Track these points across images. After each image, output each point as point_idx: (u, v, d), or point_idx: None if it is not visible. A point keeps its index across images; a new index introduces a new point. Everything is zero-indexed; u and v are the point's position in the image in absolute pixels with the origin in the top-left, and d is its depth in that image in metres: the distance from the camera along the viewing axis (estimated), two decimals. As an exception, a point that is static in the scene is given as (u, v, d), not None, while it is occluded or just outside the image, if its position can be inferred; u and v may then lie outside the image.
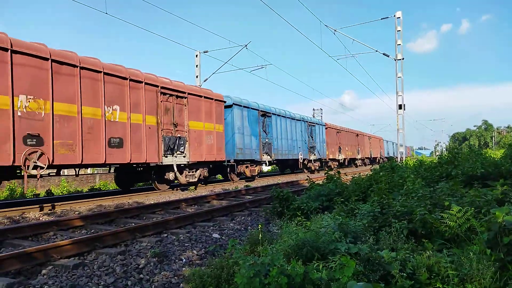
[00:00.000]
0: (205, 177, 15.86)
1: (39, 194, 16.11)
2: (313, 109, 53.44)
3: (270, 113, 21.65)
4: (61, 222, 7.23)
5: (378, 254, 3.27)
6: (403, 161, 20.23)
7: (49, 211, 9.44)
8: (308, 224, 4.83)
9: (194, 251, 5.59)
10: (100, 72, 10.82)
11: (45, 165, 9.20)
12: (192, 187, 14.91)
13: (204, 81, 24.39)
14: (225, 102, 16.98)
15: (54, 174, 10.56)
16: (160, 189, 14.18)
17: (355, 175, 9.94)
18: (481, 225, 3.81)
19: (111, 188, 18.78)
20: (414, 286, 3.02)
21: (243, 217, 8.41)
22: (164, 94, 13.16)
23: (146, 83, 12.37)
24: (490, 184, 6.93)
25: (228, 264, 3.89)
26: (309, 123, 27.55)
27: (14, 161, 8.60)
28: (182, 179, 14.03)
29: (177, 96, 13.78)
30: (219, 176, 22.11)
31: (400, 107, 22.43)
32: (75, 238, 5.54)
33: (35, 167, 9.02)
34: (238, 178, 18.98)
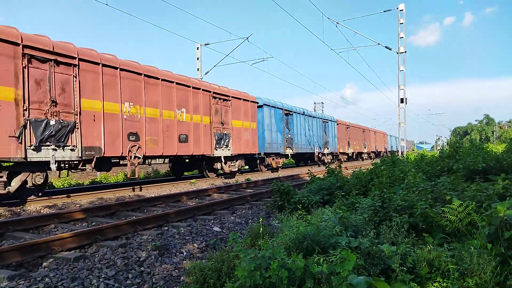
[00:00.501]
0: (242, 167, 18.93)
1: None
2: (314, 103, 53.40)
3: (292, 111, 24.24)
4: (62, 215, 7.25)
5: (378, 248, 3.27)
6: (404, 155, 20.21)
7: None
8: (308, 217, 4.83)
9: (195, 244, 5.60)
10: (173, 82, 13.69)
11: (141, 155, 12.08)
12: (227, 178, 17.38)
13: (205, 73, 24.30)
14: (257, 103, 19.84)
15: (143, 163, 13.07)
16: (210, 177, 17.31)
17: (362, 168, 9.92)
18: (482, 219, 3.80)
19: (112, 181, 18.83)
20: (415, 280, 3.02)
21: (243, 211, 8.43)
22: (215, 98, 16.02)
23: (203, 90, 15.31)
24: (491, 179, 6.91)
25: (228, 257, 3.90)
26: (323, 120, 30.12)
27: (122, 152, 11.46)
28: (226, 168, 16.96)
29: (224, 99, 16.66)
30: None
31: (402, 101, 22.35)
32: (76, 231, 5.55)
33: (135, 157, 11.85)
34: (266, 169, 21.93)
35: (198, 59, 24.33)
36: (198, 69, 24.33)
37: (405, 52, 22.10)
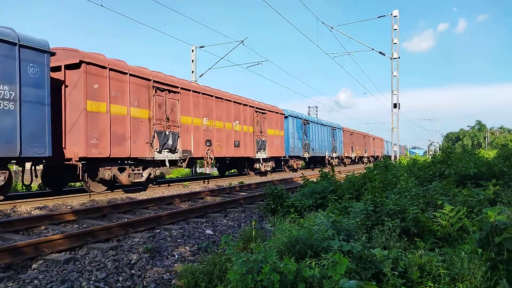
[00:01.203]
0: (273, 167, 22.78)
1: (31, 187, 15.96)
2: (309, 107, 53.80)
3: (308, 121, 28.72)
4: (53, 216, 7.17)
5: (370, 252, 3.28)
6: (397, 160, 20.33)
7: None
8: (301, 221, 4.83)
9: (187, 247, 5.57)
10: (231, 101, 17.92)
11: (213, 156, 16.11)
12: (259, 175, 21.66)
13: (200, 76, 24.28)
14: (284, 114, 24.04)
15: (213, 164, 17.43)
16: (251, 175, 21.48)
17: (355, 172, 9.96)
18: (473, 224, 3.83)
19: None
20: (406, 284, 3.02)
21: (236, 214, 8.40)
22: (256, 111, 20.50)
23: (249, 106, 19.64)
24: (482, 184, 6.98)
25: (220, 260, 3.88)
26: (332, 128, 34.24)
27: (202, 154, 15.58)
28: (262, 168, 21.23)
29: (262, 112, 21.14)
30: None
31: (395, 106, 22.50)
32: (67, 233, 5.50)
33: (209, 158, 15.87)
34: (288, 169, 25.77)
35: (193, 62, 24.30)
36: (192, 71, 24.30)
37: (399, 57, 22.30)
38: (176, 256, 5.15)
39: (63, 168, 11.32)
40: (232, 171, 24.44)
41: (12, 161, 9.99)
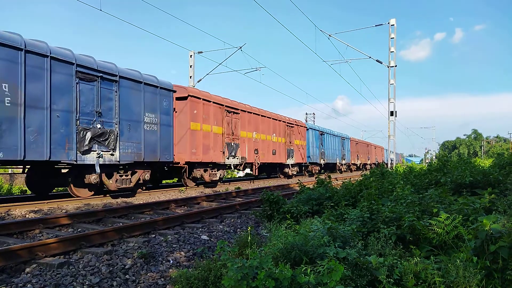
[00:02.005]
0: (297, 171, 27.36)
1: (25, 191, 15.88)
2: (306, 113, 54.01)
3: (324, 132, 33.05)
4: (48, 220, 7.12)
5: (366, 259, 3.27)
6: (393, 168, 20.37)
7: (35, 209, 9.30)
8: (297, 227, 4.82)
9: (182, 253, 5.54)
10: (270, 118, 22.65)
11: (259, 162, 20.68)
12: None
13: (198, 81, 24.32)
14: (306, 127, 29.04)
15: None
16: (281, 177, 25.85)
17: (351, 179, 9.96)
18: (469, 232, 3.84)
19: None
20: (401, 292, 3.02)
21: (232, 219, 8.38)
22: (287, 126, 25.12)
23: (282, 121, 24.27)
24: (478, 193, 7.00)
25: (216, 266, 3.86)
26: (342, 138, 38.43)
27: (252, 160, 20.03)
28: (290, 172, 25.45)
29: (291, 126, 25.72)
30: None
31: (391, 113, 22.60)
32: (61, 237, 5.46)
33: (257, 163, 20.43)
34: (308, 174, 29.86)
35: (191, 67, 24.36)
36: (190, 76, 24.35)
37: (396, 66, 22.44)
38: (171, 262, 5.12)
39: (173, 170, 16.03)
40: (262, 174, 28.28)
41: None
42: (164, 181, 19.52)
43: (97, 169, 10.70)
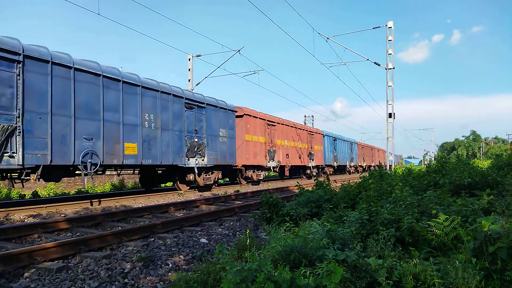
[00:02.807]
0: (317, 172, 31.24)
1: (24, 195, 15.84)
2: (305, 116, 54.07)
3: (337, 138, 37.07)
4: (46, 225, 7.10)
5: (365, 261, 3.27)
6: (392, 169, 20.38)
7: (34, 213, 9.28)
8: (296, 230, 4.82)
9: (181, 256, 5.53)
10: (296, 127, 26.95)
11: (290, 165, 24.86)
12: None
13: (196, 85, 24.34)
14: (323, 134, 32.97)
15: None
16: (303, 177, 29.92)
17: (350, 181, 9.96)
18: (467, 234, 3.84)
19: (98, 191, 18.57)
20: (400, 294, 3.02)
21: (231, 222, 8.37)
22: (309, 133, 29.52)
23: (305, 130, 28.99)
24: (476, 194, 7.01)
25: (215, 269, 3.86)
26: (350, 142, 42.75)
27: (285, 163, 24.31)
28: (311, 173, 29.47)
29: (311, 134, 30.17)
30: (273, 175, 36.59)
31: (390, 115, 22.63)
32: (60, 241, 5.44)
33: (289, 165, 24.72)
34: (323, 175, 32.79)
35: (189, 70, 24.38)
36: (189, 79, 24.36)
37: (393, 68, 22.47)
38: (170, 265, 5.11)
39: (232, 171, 20.31)
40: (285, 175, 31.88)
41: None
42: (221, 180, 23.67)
43: (195, 170, 15.15)
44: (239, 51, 22.10)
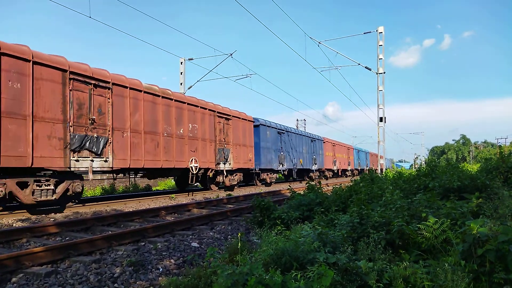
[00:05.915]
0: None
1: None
2: (297, 120, 54.28)
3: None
4: (35, 229, 7.01)
5: (355, 264, 3.28)
6: (383, 173, 20.52)
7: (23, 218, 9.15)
8: (288, 233, 4.82)
9: (172, 260, 5.49)
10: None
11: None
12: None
13: (188, 88, 24.28)
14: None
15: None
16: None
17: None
18: (457, 236, 3.88)
19: (88, 195, 18.39)
20: (391, 296, 3.03)
21: (223, 226, 8.34)
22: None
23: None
24: (466, 197, 7.07)
25: (206, 273, 3.84)
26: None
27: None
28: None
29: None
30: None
31: (381, 119, 22.81)
32: (49, 245, 5.38)
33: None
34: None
35: (181, 74, 24.33)
36: (181, 83, 24.31)
37: (384, 72, 22.69)
38: (160, 269, 5.07)
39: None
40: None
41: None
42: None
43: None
44: (231, 55, 22.13)
